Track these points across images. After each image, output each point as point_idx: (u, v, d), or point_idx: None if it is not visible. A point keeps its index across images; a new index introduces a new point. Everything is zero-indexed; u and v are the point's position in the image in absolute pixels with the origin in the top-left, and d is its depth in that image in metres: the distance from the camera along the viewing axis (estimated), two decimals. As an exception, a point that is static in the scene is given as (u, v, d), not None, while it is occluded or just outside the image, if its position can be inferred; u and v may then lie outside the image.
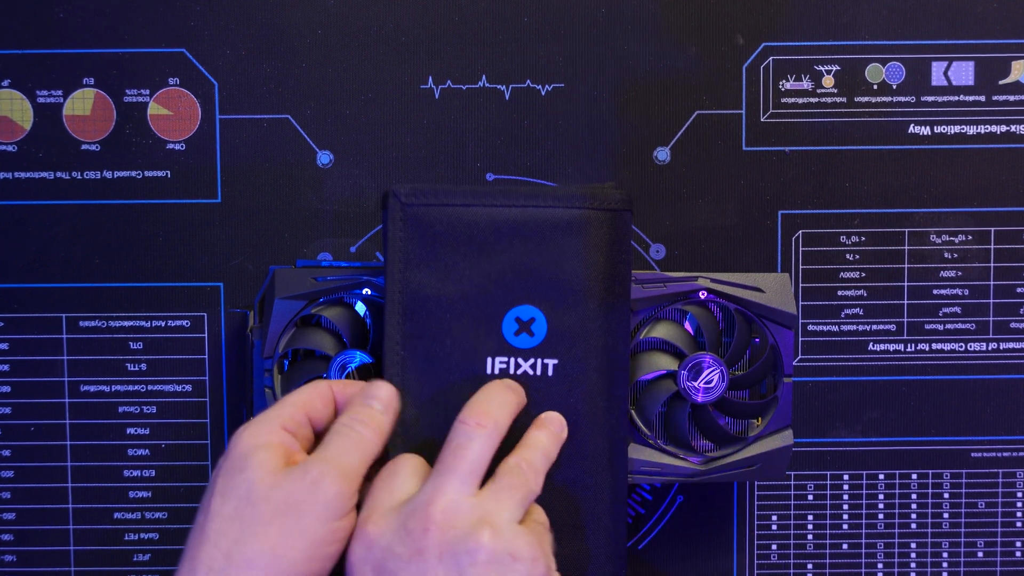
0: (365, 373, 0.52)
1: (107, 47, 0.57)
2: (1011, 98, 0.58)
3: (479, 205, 0.48)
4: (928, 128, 0.58)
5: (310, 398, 0.46)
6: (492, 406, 0.45)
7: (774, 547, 0.59)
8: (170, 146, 0.58)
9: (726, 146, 0.58)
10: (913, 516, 0.59)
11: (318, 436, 0.46)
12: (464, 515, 0.42)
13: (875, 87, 0.58)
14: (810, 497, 0.59)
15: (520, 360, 0.48)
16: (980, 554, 0.59)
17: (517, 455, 0.45)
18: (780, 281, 0.53)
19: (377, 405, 0.45)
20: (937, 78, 0.58)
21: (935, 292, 0.58)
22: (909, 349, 0.58)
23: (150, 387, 0.58)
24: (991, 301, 0.58)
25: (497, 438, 0.45)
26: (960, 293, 0.58)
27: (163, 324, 0.58)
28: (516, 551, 0.42)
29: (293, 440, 0.44)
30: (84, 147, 0.58)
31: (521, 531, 0.43)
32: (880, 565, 0.59)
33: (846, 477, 0.59)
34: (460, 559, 0.41)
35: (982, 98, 0.58)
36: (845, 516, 0.59)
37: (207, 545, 0.42)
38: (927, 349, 0.58)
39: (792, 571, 0.59)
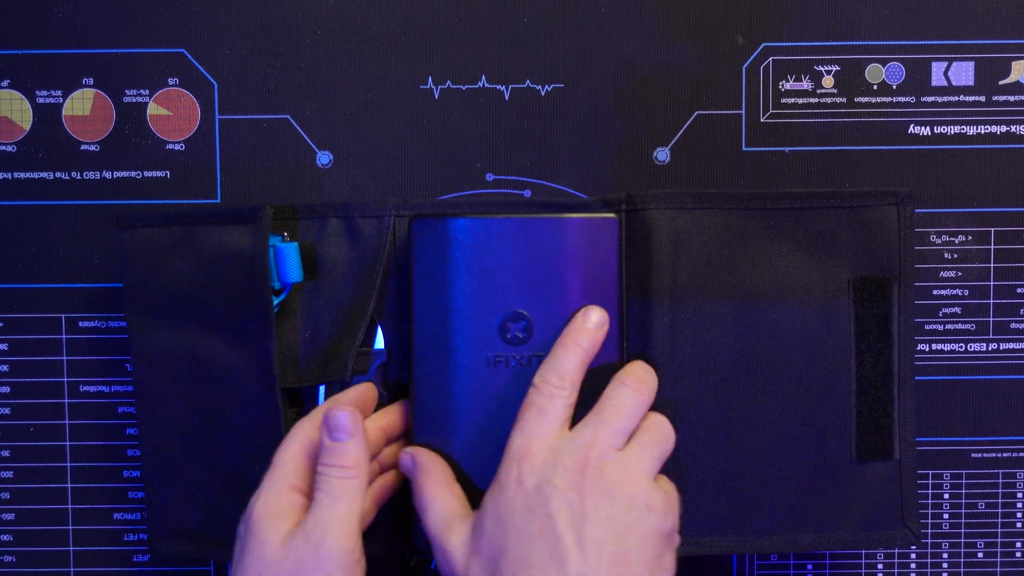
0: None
1: (107, 47, 0.57)
2: (1011, 98, 0.58)
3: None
4: (928, 128, 0.58)
5: (306, 446, 0.48)
6: (649, 377, 0.50)
7: (774, 547, 0.59)
8: (170, 146, 0.58)
9: (726, 146, 0.58)
10: (913, 516, 0.59)
11: None
12: (612, 464, 0.46)
13: (875, 87, 0.58)
14: (810, 497, 0.59)
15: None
16: (980, 555, 0.59)
17: (657, 414, 0.50)
18: None
19: (343, 437, 0.47)
20: (937, 78, 0.58)
21: (935, 292, 0.58)
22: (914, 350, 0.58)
23: (150, 387, 0.58)
24: (991, 301, 0.58)
25: (646, 407, 0.49)
26: (960, 293, 0.58)
27: (163, 324, 0.58)
28: (652, 503, 0.46)
29: (303, 499, 0.47)
30: (84, 147, 0.58)
31: (657, 487, 0.47)
32: (880, 566, 0.59)
33: (846, 477, 0.59)
34: (606, 501, 0.45)
35: (982, 98, 0.58)
36: (845, 516, 0.59)
37: None
38: (927, 349, 0.58)
39: (792, 571, 0.59)
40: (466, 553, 0.46)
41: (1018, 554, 0.59)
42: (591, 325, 0.50)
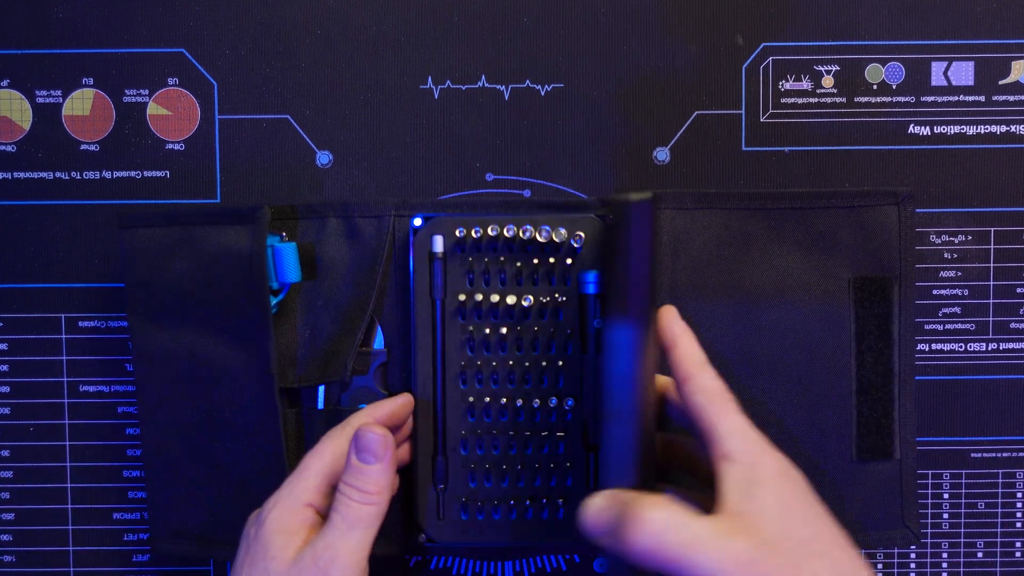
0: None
1: (107, 47, 0.57)
2: (1011, 98, 0.58)
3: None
4: (928, 128, 0.58)
5: (332, 462, 0.48)
6: None
7: (774, 547, 0.59)
8: (169, 146, 0.58)
9: (726, 146, 0.58)
10: (913, 516, 0.59)
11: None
12: None
13: (875, 87, 0.58)
14: (810, 497, 0.59)
15: None
16: (980, 554, 0.59)
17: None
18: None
19: (371, 460, 0.47)
20: (937, 78, 0.58)
21: (935, 292, 0.58)
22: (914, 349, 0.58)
23: (150, 387, 0.58)
24: (991, 301, 0.58)
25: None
26: (960, 293, 0.58)
27: (163, 324, 0.58)
28: None
29: (316, 517, 0.47)
30: (83, 147, 0.58)
31: None
32: (880, 566, 0.59)
33: (846, 477, 0.59)
34: None
35: (982, 98, 0.58)
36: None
37: None
38: (927, 349, 0.58)
39: (792, 571, 0.59)
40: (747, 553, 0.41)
41: (1018, 554, 0.59)
42: None
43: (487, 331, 0.53)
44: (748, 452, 0.43)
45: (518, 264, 0.53)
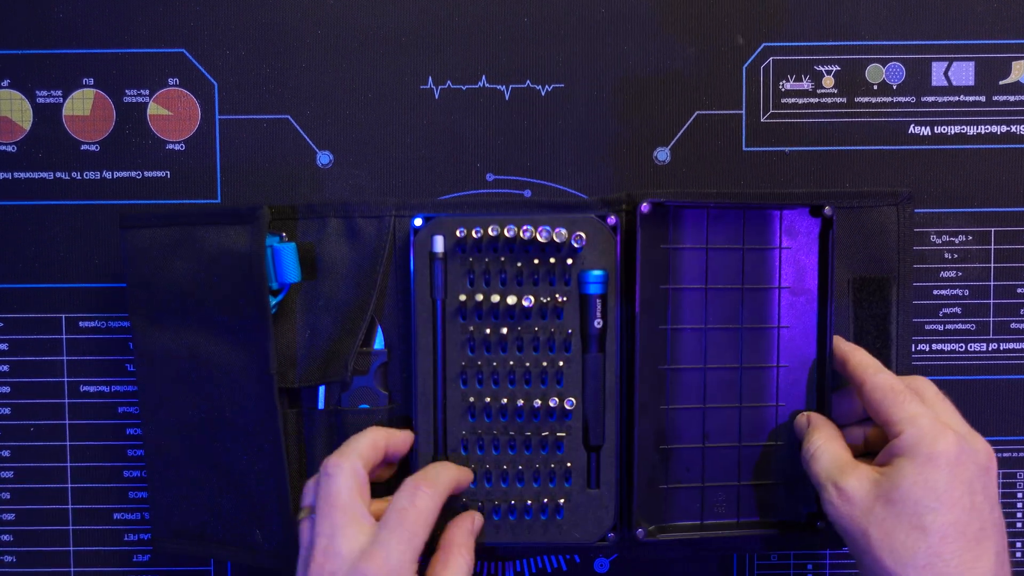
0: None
1: (107, 47, 0.57)
2: (1011, 98, 0.58)
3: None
4: (928, 128, 0.58)
5: (357, 485, 0.49)
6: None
7: (774, 547, 0.59)
8: (170, 146, 0.58)
9: (726, 146, 0.58)
10: (913, 516, 0.59)
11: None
12: None
13: (875, 87, 0.58)
14: (810, 497, 0.59)
15: None
16: (980, 554, 0.59)
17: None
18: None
19: (430, 491, 0.49)
20: (937, 78, 0.58)
21: (935, 292, 0.58)
22: (910, 349, 0.58)
23: (150, 387, 0.58)
24: (991, 301, 0.58)
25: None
26: (960, 293, 0.58)
27: (163, 324, 0.58)
28: None
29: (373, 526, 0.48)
30: (84, 147, 0.58)
31: None
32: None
33: (846, 477, 0.59)
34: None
35: (982, 98, 0.58)
36: (845, 516, 0.59)
37: None
38: (927, 349, 0.58)
39: (792, 571, 0.59)
40: (869, 495, 0.47)
41: (1018, 554, 0.59)
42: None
43: (487, 331, 0.53)
44: (917, 435, 0.47)
45: (518, 264, 0.53)
